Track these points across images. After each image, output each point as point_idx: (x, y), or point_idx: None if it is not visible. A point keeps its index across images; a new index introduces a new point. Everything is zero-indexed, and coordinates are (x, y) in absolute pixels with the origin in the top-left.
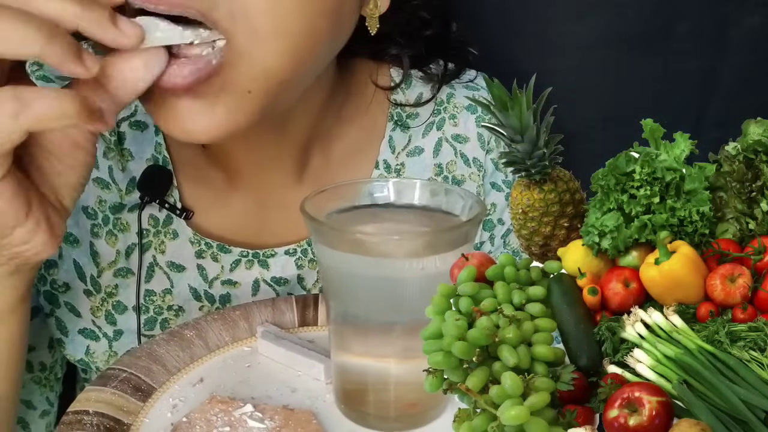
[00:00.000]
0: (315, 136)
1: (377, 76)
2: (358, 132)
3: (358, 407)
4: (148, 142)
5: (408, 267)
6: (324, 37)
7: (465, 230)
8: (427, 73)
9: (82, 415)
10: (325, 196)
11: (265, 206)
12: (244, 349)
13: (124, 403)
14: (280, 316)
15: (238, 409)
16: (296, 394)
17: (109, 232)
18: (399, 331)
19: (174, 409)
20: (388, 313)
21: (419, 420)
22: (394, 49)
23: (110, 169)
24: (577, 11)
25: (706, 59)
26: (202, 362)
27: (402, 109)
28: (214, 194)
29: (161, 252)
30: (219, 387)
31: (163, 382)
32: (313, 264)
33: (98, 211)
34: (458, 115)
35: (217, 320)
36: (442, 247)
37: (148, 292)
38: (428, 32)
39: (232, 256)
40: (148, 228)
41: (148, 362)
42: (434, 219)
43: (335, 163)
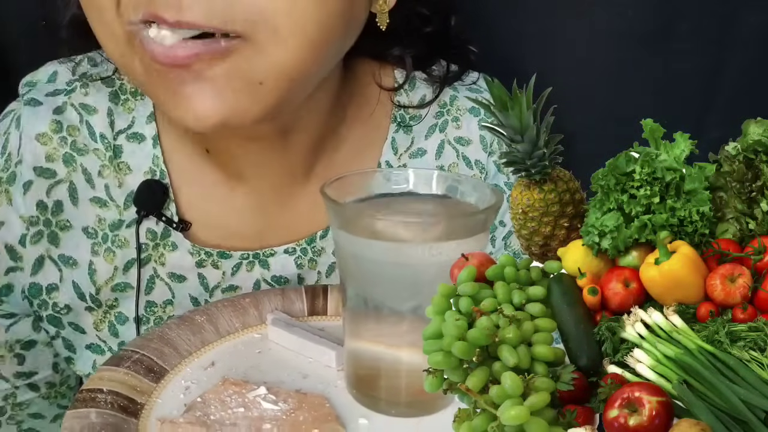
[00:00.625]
0: (319, 136)
1: (381, 77)
2: (362, 133)
3: (370, 392)
4: (146, 154)
5: (424, 252)
6: (337, 34)
7: (483, 218)
8: (431, 75)
9: (96, 393)
10: (344, 182)
11: (267, 208)
12: (254, 336)
13: (137, 383)
14: (289, 305)
15: (251, 392)
16: (308, 380)
17: (107, 249)
18: (413, 318)
19: (186, 391)
20: (404, 298)
21: (430, 407)
22: (397, 50)
23: (107, 187)
24: (577, 11)
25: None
26: (213, 347)
27: (405, 110)
28: (214, 201)
29: (161, 264)
30: (231, 371)
31: (175, 365)
32: (312, 263)
33: (98, 230)
34: (461, 118)
35: (227, 307)
36: (460, 233)
37: (149, 304)
38: (428, 29)
39: (233, 261)
40: (146, 242)
41: (159, 345)
42: (451, 208)
43: (338, 164)
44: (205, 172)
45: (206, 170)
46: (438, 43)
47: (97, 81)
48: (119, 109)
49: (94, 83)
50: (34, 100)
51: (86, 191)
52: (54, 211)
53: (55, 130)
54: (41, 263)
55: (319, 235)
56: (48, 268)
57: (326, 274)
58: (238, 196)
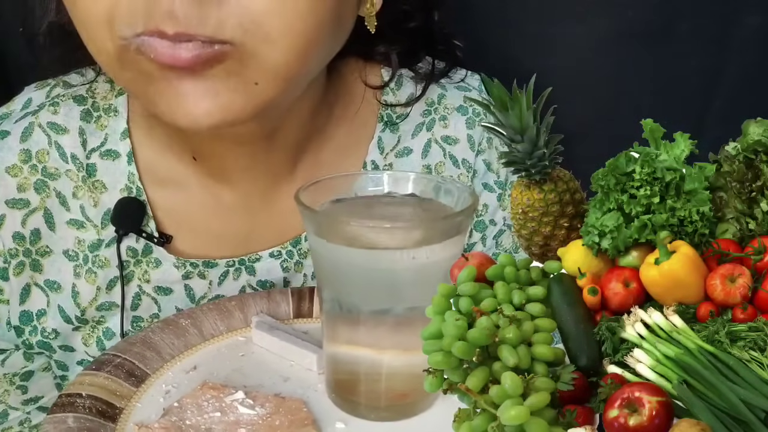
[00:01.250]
0: (305, 137)
1: (367, 75)
2: (348, 132)
3: (350, 397)
4: (121, 172)
5: (400, 257)
6: (327, 36)
7: (458, 221)
8: (418, 72)
9: (75, 398)
10: (319, 187)
11: (253, 211)
12: (238, 339)
13: (117, 387)
14: (275, 308)
15: (229, 396)
16: (288, 383)
17: (88, 270)
18: (391, 322)
19: (167, 395)
20: (381, 303)
21: (409, 410)
22: (382, 47)
23: (82, 208)
24: (577, 11)
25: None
26: (196, 350)
27: (392, 109)
28: (198, 209)
29: (146, 281)
30: (212, 375)
31: (157, 369)
32: (298, 267)
33: (78, 252)
34: (449, 117)
35: (212, 310)
36: (435, 237)
37: (136, 319)
38: (411, 24)
39: (219, 269)
40: (128, 259)
41: (142, 349)
42: (428, 210)
43: (324, 164)
44: (189, 180)
45: (190, 178)
46: (422, 39)
47: (68, 100)
48: (92, 127)
49: (66, 102)
50: (3, 131)
51: (62, 214)
52: (32, 239)
53: (24, 160)
54: (28, 291)
55: (304, 237)
56: (35, 294)
57: (312, 277)
58: (223, 200)
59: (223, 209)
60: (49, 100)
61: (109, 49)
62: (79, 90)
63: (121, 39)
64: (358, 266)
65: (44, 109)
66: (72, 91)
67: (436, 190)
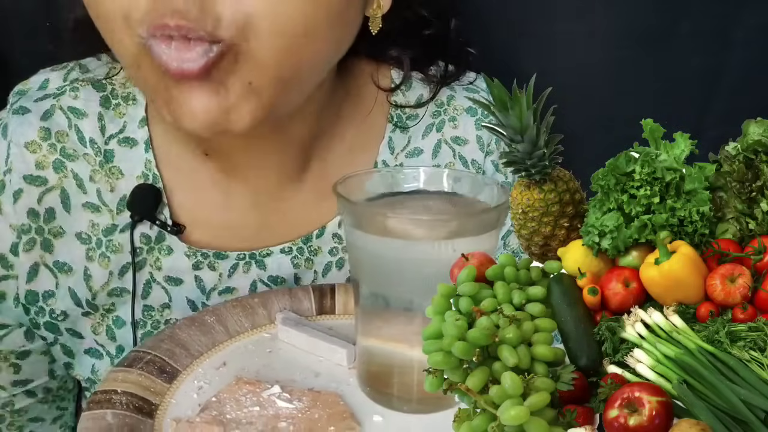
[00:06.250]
0: (314, 135)
1: (378, 77)
2: (357, 132)
3: (383, 389)
4: (138, 159)
5: (440, 249)
6: (323, 36)
7: (496, 215)
8: (428, 75)
9: (111, 394)
10: (355, 181)
11: (263, 207)
12: (264, 335)
13: (150, 384)
14: (297, 304)
15: (265, 390)
16: (320, 378)
17: (102, 255)
18: (425, 315)
19: (200, 391)
20: (417, 295)
21: (442, 404)
22: (395, 51)
23: (98, 192)
24: (577, 10)
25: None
26: (223, 347)
27: (402, 110)
28: (210, 203)
29: (158, 269)
30: (243, 371)
31: (187, 365)
32: (309, 263)
33: (92, 236)
34: (458, 118)
35: (236, 307)
36: (475, 230)
37: (147, 308)
38: (429, 32)
39: (230, 261)
40: (141, 246)
41: (171, 345)
42: (461, 205)
43: (334, 163)
44: (202, 174)
45: (202, 172)
46: (437, 45)
47: (87, 86)
48: (110, 114)
49: (85, 88)
50: (23, 107)
51: (78, 197)
52: (46, 218)
53: (43, 138)
54: (36, 270)
55: (315, 234)
56: (43, 275)
57: (322, 274)
58: (235, 196)
59: (234, 204)
60: (69, 85)
61: (128, 46)
62: (98, 75)
63: (138, 37)
64: (397, 258)
65: (65, 94)
66: (90, 77)
67: (469, 186)
